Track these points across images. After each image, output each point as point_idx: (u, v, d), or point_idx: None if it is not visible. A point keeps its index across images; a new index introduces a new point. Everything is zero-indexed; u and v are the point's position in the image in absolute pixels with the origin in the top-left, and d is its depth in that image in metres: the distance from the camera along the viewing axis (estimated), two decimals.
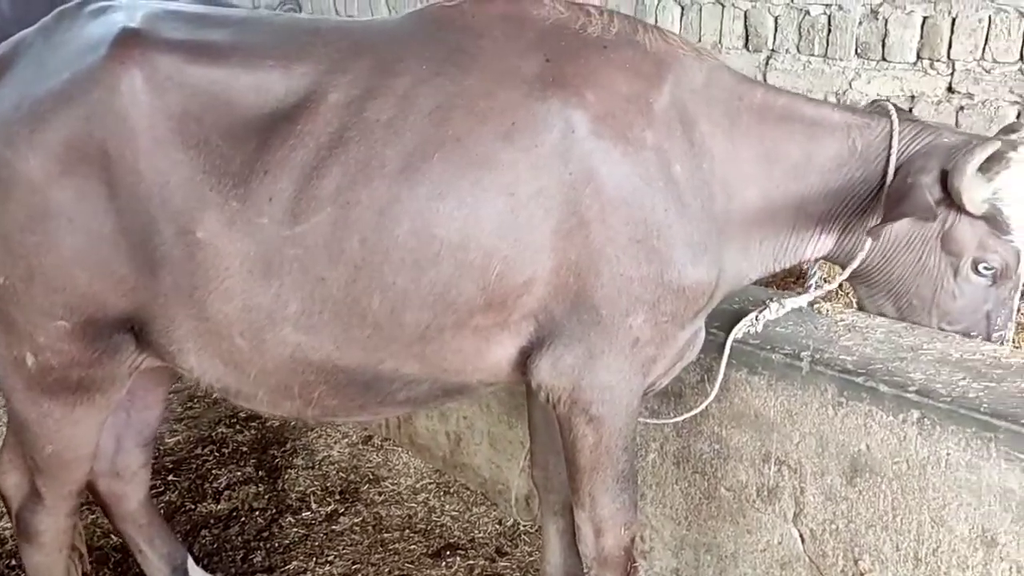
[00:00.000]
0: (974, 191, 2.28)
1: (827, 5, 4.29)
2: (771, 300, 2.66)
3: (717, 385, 2.59)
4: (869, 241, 2.43)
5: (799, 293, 2.71)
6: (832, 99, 4.39)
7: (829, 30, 4.30)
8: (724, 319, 2.63)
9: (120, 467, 2.83)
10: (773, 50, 4.58)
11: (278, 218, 2.01)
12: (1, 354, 2.24)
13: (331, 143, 2.02)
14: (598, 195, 2.10)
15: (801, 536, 2.60)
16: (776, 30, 4.54)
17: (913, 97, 4.07)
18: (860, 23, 4.17)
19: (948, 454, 2.19)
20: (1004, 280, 2.42)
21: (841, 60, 4.30)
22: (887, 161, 2.37)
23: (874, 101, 2.60)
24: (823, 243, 2.53)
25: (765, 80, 4.63)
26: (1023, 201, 2.32)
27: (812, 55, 4.42)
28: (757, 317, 2.62)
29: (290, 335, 2.10)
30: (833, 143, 2.40)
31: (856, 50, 4.25)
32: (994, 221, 2.34)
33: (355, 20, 2.34)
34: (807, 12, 4.36)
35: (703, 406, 2.63)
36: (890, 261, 2.50)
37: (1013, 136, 2.49)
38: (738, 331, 2.60)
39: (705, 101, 2.29)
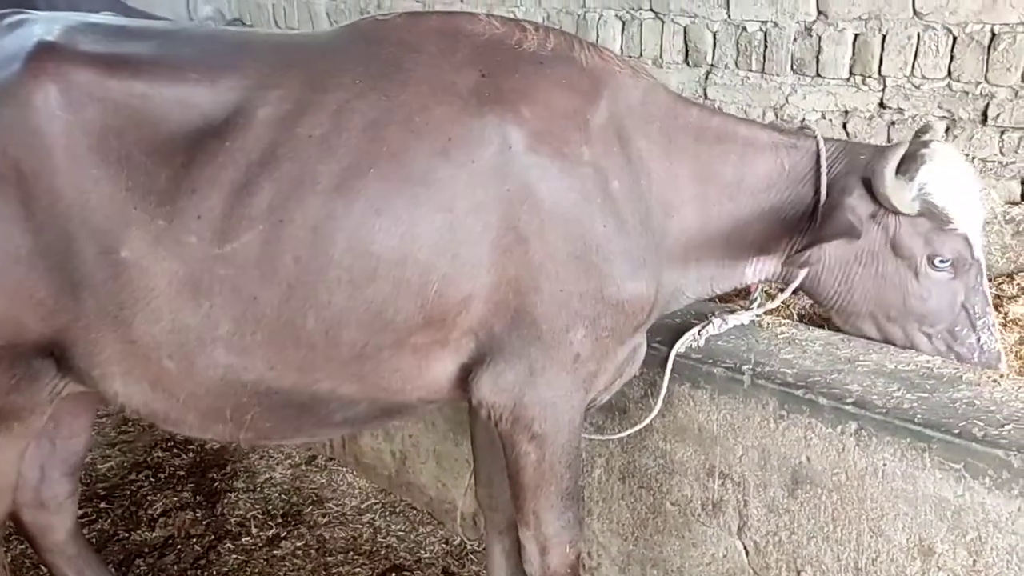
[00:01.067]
0: (900, 193, 2.33)
1: (763, 22, 4.36)
2: (713, 315, 2.67)
3: (660, 399, 2.59)
4: (802, 276, 2.47)
5: (743, 308, 2.73)
6: (770, 114, 4.47)
7: (766, 46, 4.38)
8: (667, 333, 2.64)
9: (46, 497, 2.71)
10: (712, 65, 4.64)
11: (207, 236, 1.95)
12: None
13: (262, 159, 1.98)
14: (536, 211, 2.09)
15: (745, 549, 2.61)
16: (715, 46, 4.61)
17: (847, 112, 4.16)
18: (795, 40, 4.25)
19: (885, 465, 2.21)
20: (964, 268, 2.43)
21: (778, 76, 4.38)
22: (816, 180, 2.40)
23: (802, 124, 2.65)
24: (763, 266, 2.55)
25: (705, 94, 4.70)
26: (950, 189, 2.37)
27: (750, 70, 4.50)
28: (700, 332, 2.64)
29: (221, 356, 2.04)
30: (763, 163, 2.43)
31: (792, 66, 4.33)
32: (932, 215, 2.37)
33: (285, 33, 2.28)
34: (744, 28, 4.44)
35: (647, 420, 2.63)
36: (847, 281, 2.51)
37: (925, 137, 2.56)
38: (680, 345, 2.60)
39: (642, 118, 2.30)
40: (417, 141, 2.03)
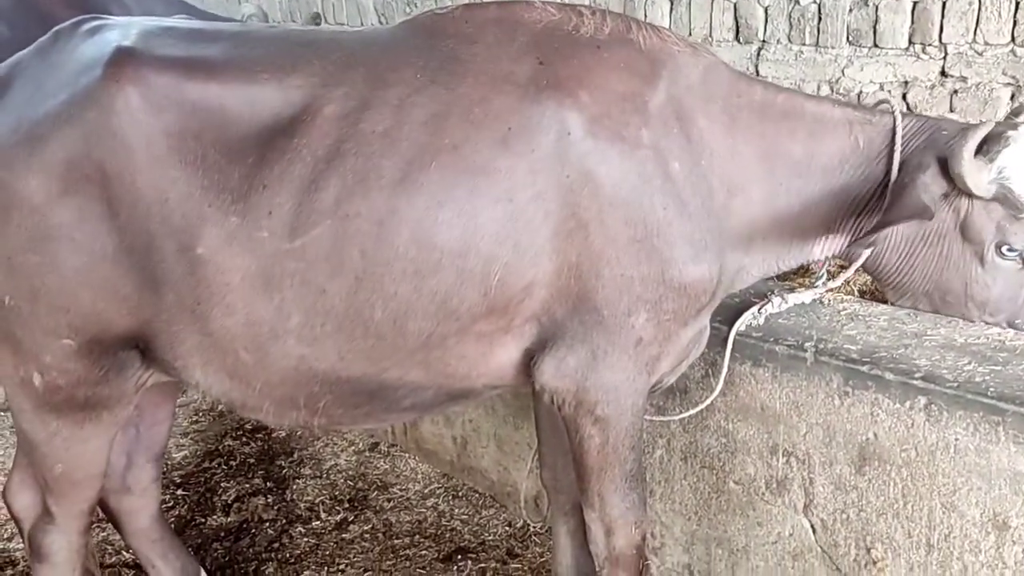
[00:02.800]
0: (977, 175, 2.26)
1: None
2: (773, 293, 2.66)
3: (722, 379, 2.59)
4: (868, 254, 2.43)
5: (802, 286, 2.71)
6: (825, 88, 4.40)
7: (820, 18, 4.31)
8: (726, 312, 2.63)
9: (131, 483, 2.83)
10: (764, 41, 4.58)
11: (278, 232, 2.01)
12: (8, 374, 2.24)
13: (328, 156, 2.03)
14: (596, 196, 2.10)
15: (812, 527, 2.60)
16: (767, 21, 4.54)
17: (907, 83, 4.07)
18: (850, 10, 4.17)
19: (956, 439, 2.19)
20: None
21: (833, 48, 4.31)
22: (890, 158, 2.36)
23: (879, 101, 2.59)
24: (831, 243, 2.52)
25: (757, 71, 4.64)
26: None
27: (803, 44, 4.42)
28: (760, 310, 2.63)
29: (293, 347, 2.11)
30: (835, 140, 2.39)
31: (847, 37, 4.25)
32: (1007, 201, 2.30)
33: (348, 30, 2.32)
34: (797, 2, 4.37)
35: (708, 401, 2.63)
36: (910, 260, 2.48)
37: (1017, 119, 2.46)
38: (741, 324, 2.60)
39: (702, 98, 2.28)
40: (477, 132, 2.06)
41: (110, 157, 2.01)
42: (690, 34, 4.91)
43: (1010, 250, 2.35)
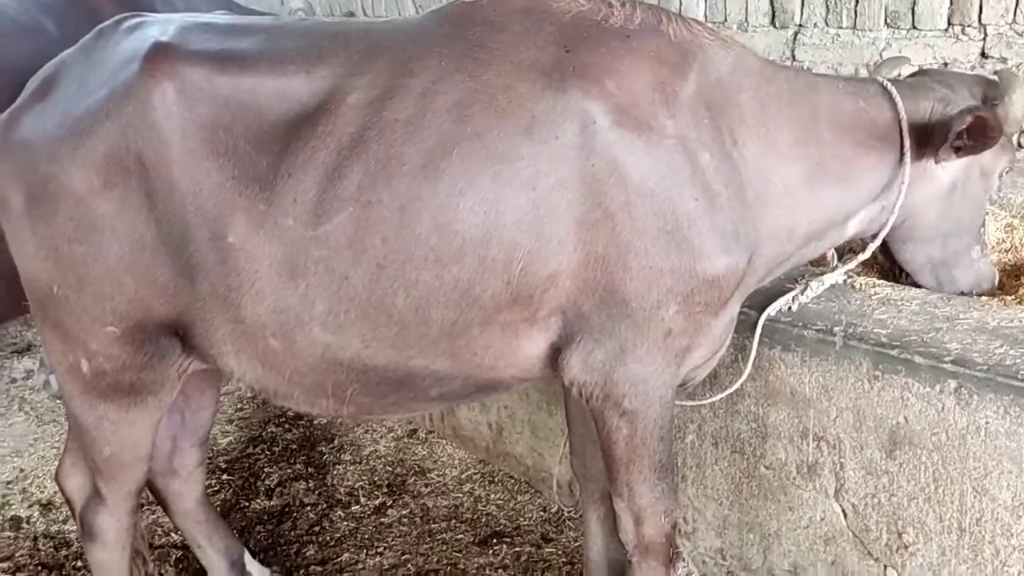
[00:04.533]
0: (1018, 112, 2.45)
1: None
2: (806, 279, 2.65)
3: (750, 364, 2.59)
4: (900, 200, 2.46)
5: (827, 269, 2.70)
6: (863, 71, 4.34)
7: (857, 1, 4.24)
8: (755, 298, 2.63)
9: (177, 466, 2.93)
10: (800, 25, 4.53)
11: (302, 219, 2.05)
12: (59, 361, 2.34)
13: (352, 143, 2.06)
14: (623, 186, 2.09)
15: (844, 511, 2.60)
16: (803, 5, 4.49)
17: (946, 64, 4.00)
18: None
19: (987, 423, 2.17)
20: None
21: (871, 31, 4.24)
22: (898, 121, 2.43)
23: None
24: (864, 215, 2.52)
25: (793, 56, 4.59)
26: None
27: (840, 27, 4.37)
28: (795, 298, 2.62)
29: (319, 335, 2.15)
30: (852, 112, 2.42)
31: (885, 20, 4.19)
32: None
33: (378, 21, 2.37)
34: None
35: (737, 385, 2.64)
36: (951, 204, 2.57)
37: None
38: (772, 310, 2.60)
39: (733, 88, 2.29)
40: (500, 120, 2.07)
41: (147, 149, 2.08)
42: (725, 20, 4.88)
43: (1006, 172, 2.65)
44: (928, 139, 2.43)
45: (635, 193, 2.10)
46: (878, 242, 2.55)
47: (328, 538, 3.69)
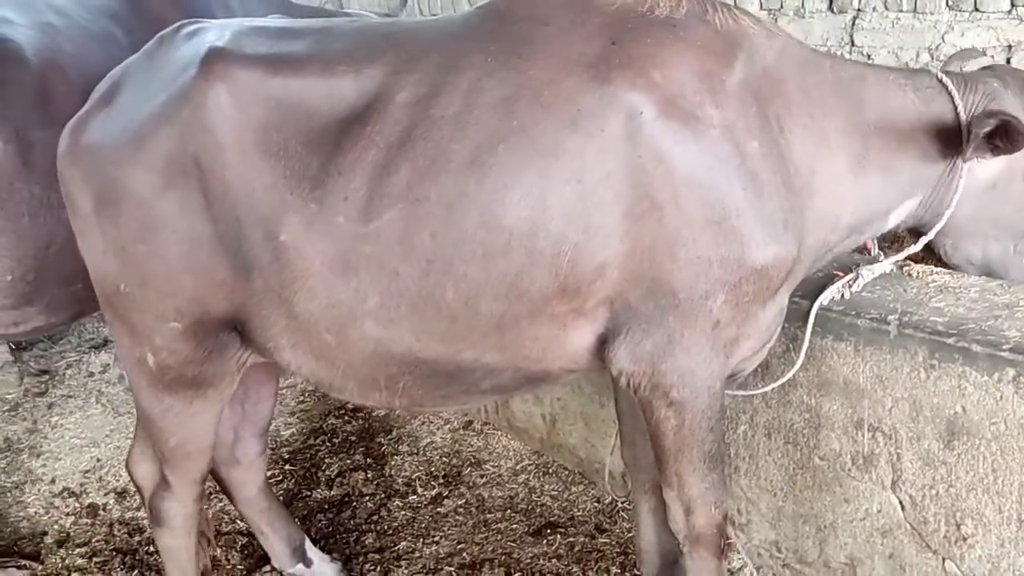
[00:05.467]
0: None
1: None
2: (858, 267, 2.61)
3: (803, 354, 2.56)
4: (958, 194, 2.40)
5: (878, 259, 2.66)
6: (925, 55, 4.24)
7: None
8: (807, 287, 2.60)
9: (239, 455, 3.04)
10: (859, 9, 4.44)
11: (353, 217, 2.10)
12: (126, 355, 2.46)
13: (400, 141, 2.10)
14: (670, 177, 2.09)
15: (901, 503, 2.56)
16: None
17: (1010, 47, 3.88)
18: None
19: None
20: None
21: (932, 14, 4.14)
22: (956, 113, 2.36)
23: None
24: (907, 206, 2.48)
25: (852, 41, 4.50)
26: None
27: (900, 11, 4.26)
28: (847, 286, 2.59)
29: (371, 329, 2.20)
30: (899, 103, 2.38)
31: (947, 2, 4.08)
32: None
33: (426, 20, 2.41)
34: None
35: (789, 375, 2.61)
36: (990, 202, 2.49)
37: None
38: (825, 298, 2.57)
39: (779, 78, 2.27)
40: (546, 114, 2.08)
41: (203, 151, 2.16)
42: (781, 7, 4.81)
43: None
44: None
45: (682, 183, 2.10)
46: (932, 234, 2.50)
47: (386, 527, 3.77)
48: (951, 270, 2.64)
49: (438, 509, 3.85)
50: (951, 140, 2.39)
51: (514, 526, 3.67)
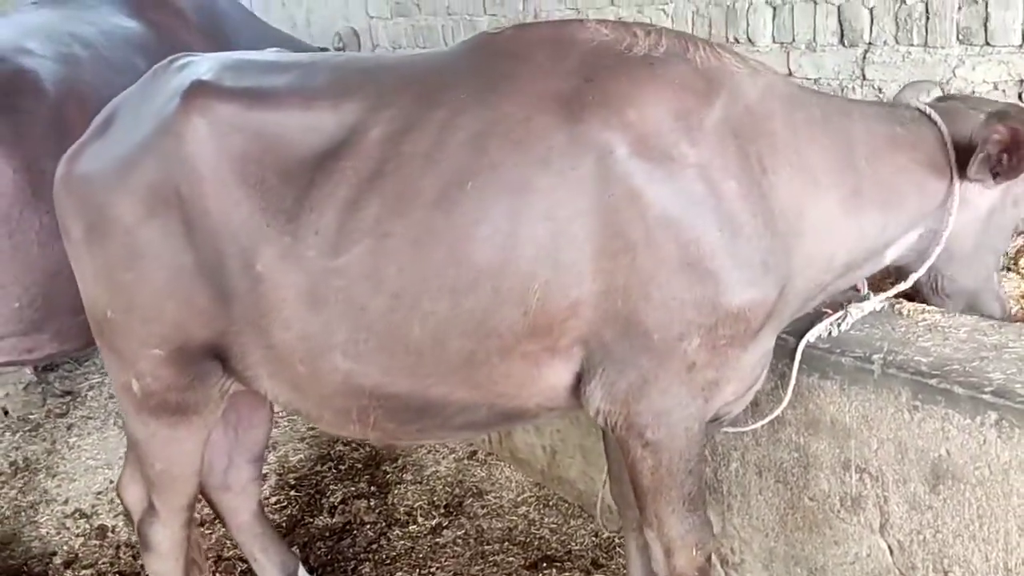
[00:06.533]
0: None
1: None
2: (846, 305, 2.57)
3: (790, 391, 2.53)
4: (949, 228, 2.37)
5: (865, 297, 2.62)
6: (936, 90, 4.18)
7: (927, 17, 4.10)
8: (795, 323, 2.56)
9: (231, 482, 3.07)
10: (870, 43, 4.40)
11: (323, 251, 2.12)
12: (114, 380, 2.51)
13: (371, 176, 2.12)
14: (643, 217, 2.07)
15: (889, 548, 2.50)
16: (872, 22, 4.36)
17: (1021, 81, 3.81)
18: (959, 7, 3.94)
19: None
20: None
21: (943, 48, 4.08)
22: (941, 146, 2.35)
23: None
24: (903, 241, 2.45)
25: (864, 75, 4.47)
26: None
27: (911, 45, 4.22)
28: (834, 324, 2.55)
29: (340, 362, 2.20)
30: (887, 135, 2.36)
31: (957, 36, 4.02)
32: None
33: (410, 54, 2.44)
34: (903, 1, 4.18)
35: (776, 412, 2.58)
36: (988, 231, 2.47)
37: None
38: (811, 336, 2.54)
39: (763, 115, 2.23)
40: (517, 151, 2.08)
41: (184, 182, 2.20)
42: (793, 41, 4.79)
43: None
44: (966, 163, 2.33)
45: (655, 223, 2.07)
46: (923, 270, 2.45)
47: (384, 556, 3.78)
48: (942, 309, 2.59)
49: (437, 539, 3.85)
50: (942, 170, 2.36)
51: (511, 559, 3.65)
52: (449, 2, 7.10)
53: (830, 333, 2.53)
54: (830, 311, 2.58)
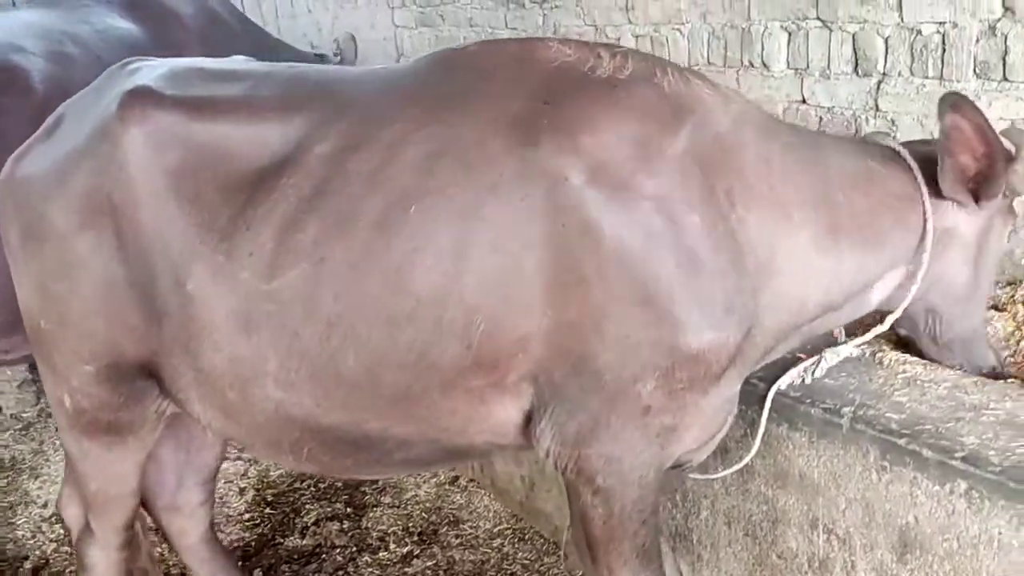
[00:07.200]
0: None
1: (940, 23, 3.91)
2: (822, 350, 2.41)
3: (758, 440, 2.38)
4: (924, 265, 2.22)
5: (843, 340, 2.45)
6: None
7: (943, 49, 3.91)
8: (768, 368, 2.42)
9: (181, 503, 2.97)
10: (884, 74, 4.23)
11: (258, 272, 2.02)
12: (49, 393, 2.43)
13: (311, 195, 2.01)
14: (596, 249, 1.93)
15: None
16: (887, 52, 4.19)
17: None
18: (977, 40, 3.75)
19: (1000, 533, 1.88)
20: None
21: (958, 82, 3.89)
22: (909, 169, 2.22)
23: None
24: (889, 280, 2.29)
25: (877, 106, 4.30)
26: None
27: (927, 77, 4.04)
28: (807, 371, 2.40)
29: (272, 391, 2.10)
30: (861, 169, 2.22)
31: (974, 70, 3.83)
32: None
33: (373, 68, 2.32)
34: (919, 31, 4.00)
35: (744, 462, 2.42)
36: (979, 268, 2.33)
37: None
38: (782, 383, 2.38)
39: (733, 145, 2.09)
40: (467, 175, 1.97)
41: (117, 190, 2.11)
42: (808, 67, 4.63)
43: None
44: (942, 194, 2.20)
45: (609, 257, 1.94)
46: (899, 312, 2.29)
47: None
48: (925, 361, 2.41)
49: (406, 569, 3.72)
50: (916, 204, 2.22)
51: None
52: (472, 14, 7.07)
53: (803, 380, 2.38)
54: (804, 356, 2.43)
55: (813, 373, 2.38)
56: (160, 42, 4.23)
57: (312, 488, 4.40)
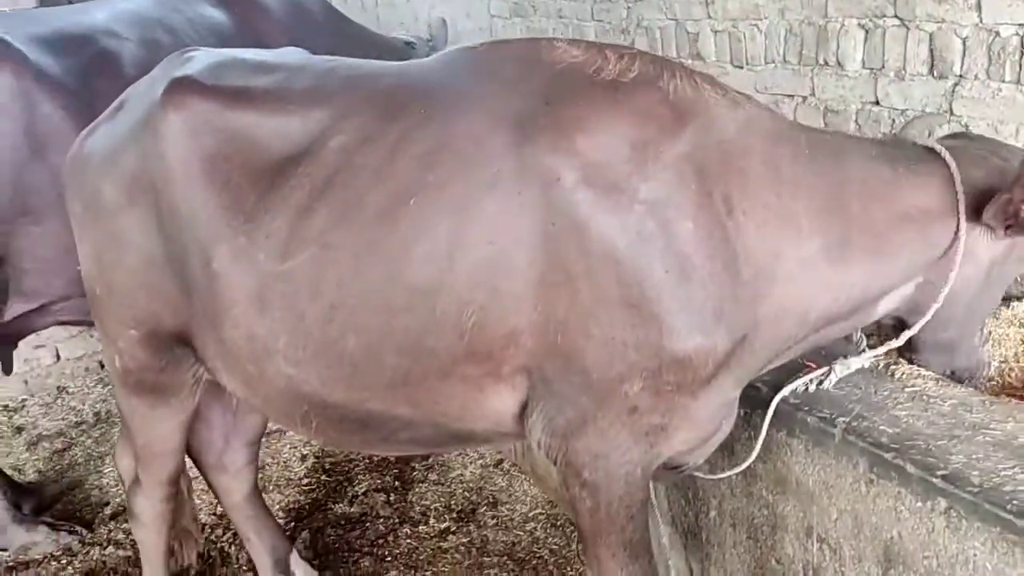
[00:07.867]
0: None
1: (1020, 24, 3.74)
2: (834, 363, 2.39)
3: (758, 445, 2.38)
4: (950, 284, 2.16)
5: (856, 351, 2.42)
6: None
7: (1022, 53, 3.74)
8: (777, 372, 2.42)
9: (227, 463, 3.19)
10: (960, 76, 4.06)
11: (272, 255, 2.15)
12: (104, 354, 2.67)
13: (323, 185, 2.12)
14: (586, 250, 1.97)
15: None
16: (964, 54, 4.02)
17: None
18: None
19: (975, 555, 1.85)
20: None
21: None
22: (951, 191, 2.12)
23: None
24: (898, 293, 2.24)
25: (951, 110, 4.13)
26: None
27: (1003, 81, 3.86)
28: (815, 381, 2.38)
29: (283, 367, 2.23)
30: (885, 176, 2.14)
31: None
32: None
33: (397, 64, 2.40)
34: (997, 33, 3.83)
35: (744, 465, 2.43)
36: (988, 287, 2.27)
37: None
38: (788, 390, 2.38)
39: (738, 151, 2.07)
40: (465, 171, 2.03)
41: (157, 174, 2.29)
42: (883, 67, 4.49)
43: None
44: (979, 212, 2.10)
45: (598, 258, 1.97)
46: (915, 329, 2.24)
47: (386, 553, 3.85)
48: (938, 375, 2.36)
49: (441, 543, 3.89)
50: (948, 216, 2.13)
51: (504, 574, 3.63)
52: (561, 5, 7.15)
53: (807, 389, 2.37)
54: (813, 364, 2.41)
55: (820, 384, 2.37)
56: (246, 31, 4.46)
57: (366, 460, 4.62)
